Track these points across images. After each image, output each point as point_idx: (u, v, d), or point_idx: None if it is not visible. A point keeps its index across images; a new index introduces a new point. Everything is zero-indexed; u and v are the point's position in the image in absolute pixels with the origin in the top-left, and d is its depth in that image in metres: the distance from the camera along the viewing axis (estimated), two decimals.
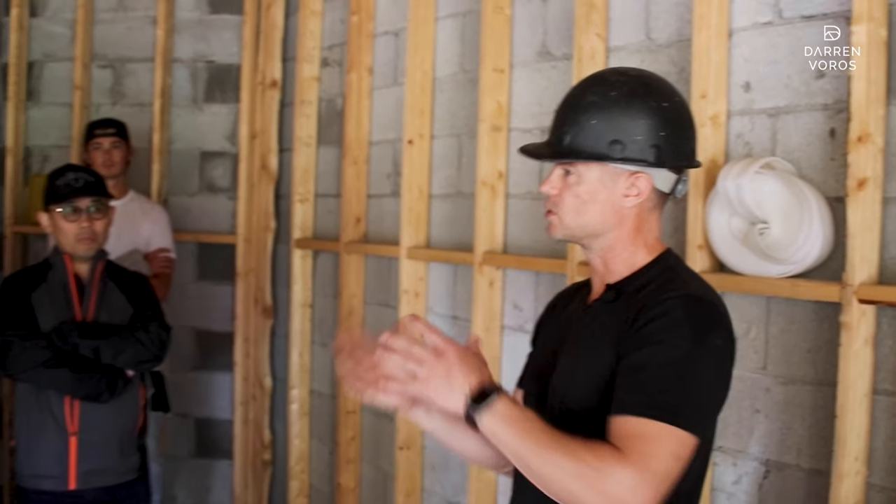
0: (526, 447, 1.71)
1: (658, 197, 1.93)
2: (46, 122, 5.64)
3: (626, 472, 1.63)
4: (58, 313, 3.32)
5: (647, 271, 1.93)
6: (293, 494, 5.03)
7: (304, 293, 5.01)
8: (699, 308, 1.82)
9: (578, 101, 1.92)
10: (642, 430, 1.69)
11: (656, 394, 1.72)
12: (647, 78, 1.96)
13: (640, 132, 1.85)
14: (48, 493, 3.32)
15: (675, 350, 1.75)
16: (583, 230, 1.92)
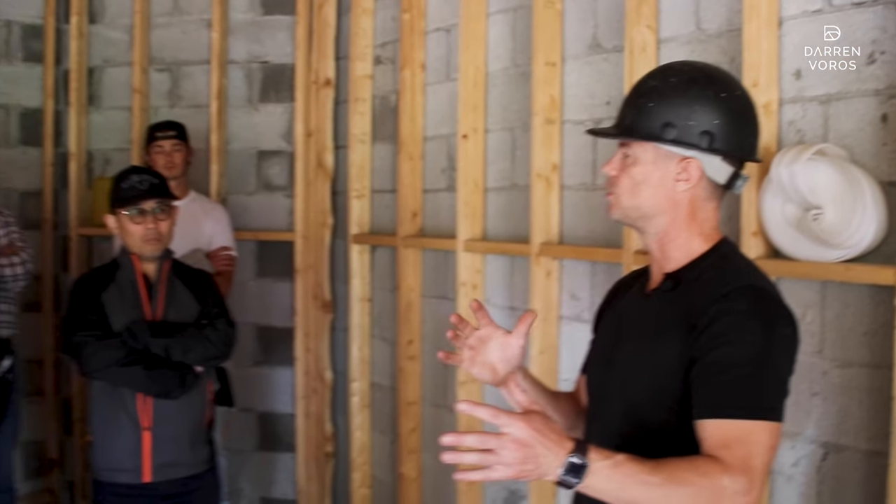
0: (634, 492, 1.70)
1: (712, 186, 1.96)
2: (107, 126, 5.73)
3: (736, 482, 1.68)
4: (128, 312, 3.41)
5: (703, 260, 1.97)
6: (355, 485, 5.10)
7: (363, 288, 5.07)
8: (762, 300, 1.87)
9: (641, 86, 2.01)
10: (737, 432, 1.74)
11: (741, 393, 1.77)
12: (710, 69, 2.02)
13: (694, 118, 1.90)
14: (123, 486, 3.41)
15: (750, 347, 1.79)
16: (636, 211, 1.98)
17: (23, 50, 5.64)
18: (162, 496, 3.45)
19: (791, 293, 2.85)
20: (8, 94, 5.60)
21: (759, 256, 2.83)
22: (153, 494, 3.44)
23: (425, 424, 4.63)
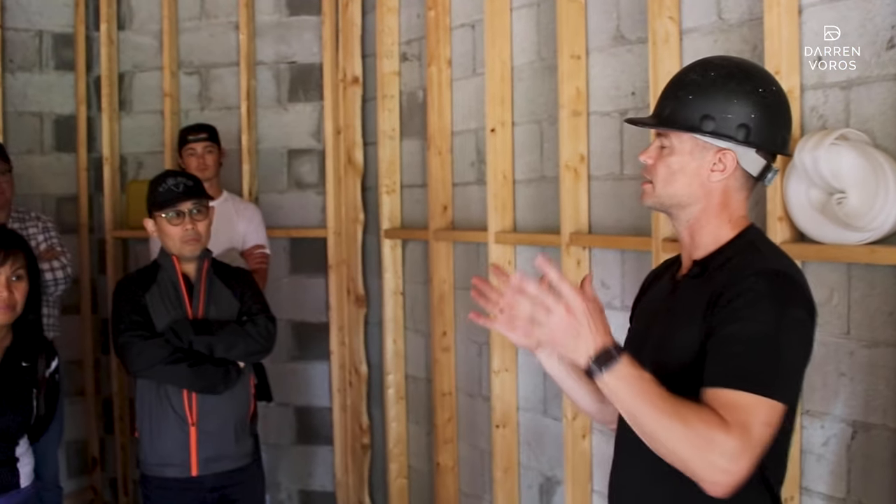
0: (641, 408, 1.82)
1: (745, 177, 2.05)
2: (139, 130, 5.82)
3: (729, 441, 1.76)
4: (170, 312, 3.50)
5: (730, 246, 2.04)
6: (393, 476, 5.16)
7: (395, 281, 5.12)
8: (779, 282, 1.93)
9: (681, 79, 2.09)
10: (739, 402, 1.81)
11: (748, 367, 1.84)
12: (748, 65, 2.10)
13: (732, 111, 1.98)
14: (171, 480, 3.51)
15: (761, 325, 1.87)
16: (671, 199, 2.06)
17: (54, 58, 5.75)
18: (209, 489, 3.53)
19: (817, 276, 2.92)
20: (41, 101, 5.71)
21: (784, 241, 2.89)
22: (200, 488, 3.53)
23: (460, 414, 4.69)
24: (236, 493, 3.61)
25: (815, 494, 2.98)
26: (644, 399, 1.82)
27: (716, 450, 1.76)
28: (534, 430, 4.19)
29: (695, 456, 1.78)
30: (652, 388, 1.83)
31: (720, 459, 1.76)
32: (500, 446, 4.25)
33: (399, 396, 5.16)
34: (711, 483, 1.79)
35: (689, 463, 1.79)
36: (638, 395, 1.82)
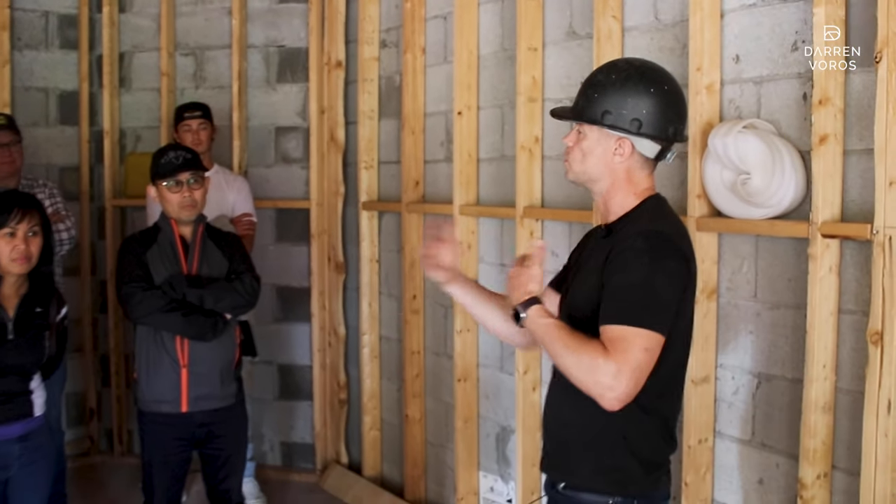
0: (551, 344, 2.32)
1: (644, 159, 2.44)
2: (137, 106, 6.07)
3: (609, 364, 2.19)
4: (168, 268, 3.83)
5: (632, 213, 2.45)
6: (367, 428, 5.52)
7: (372, 250, 5.45)
8: (654, 240, 2.34)
9: (591, 79, 2.49)
10: (619, 334, 2.23)
11: (626, 306, 2.27)
12: (646, 67, 2.48)
13: (626, 107, 2.37)
14: (164, 415, 3.85)
15: (637, 274, 2.29)
16: (585, 175, 2.48)
17: (59, 38, 5.99)
18: (197, 424, 3.88)
19: (731, 247, 3.34)
20: (47, 78, 5.97)
21: (702, 215, 3.30)
22: (190, 423, 3.87)
23: (427, 371, 5.06)
24: (221, 429, 3.95)
25: (727, 437, 3.40)
26: (552, 336, 2.33)
27: (599, 371, 2.19)
28: (492, 384, 4.58)
29: (586, 378, 2.23)
30: (554, 330, 2.33)
31: (604, 378, 2.19)
32: (462, 399, 4.63)
33: (373, 355, 5.50)
34: (600, 397, 2.21)
35: (583, 384, 2.24)
36: (547, 333, 2.34)
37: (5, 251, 3.14)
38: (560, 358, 2.30)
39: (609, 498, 2.45)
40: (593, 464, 2.47)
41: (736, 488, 3.38)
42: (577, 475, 2.50)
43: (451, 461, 4.83)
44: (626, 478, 2.45)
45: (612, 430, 2.41)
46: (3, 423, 3.19)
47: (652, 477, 2.49)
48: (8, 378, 3.19)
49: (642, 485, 2.47)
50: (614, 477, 2.45)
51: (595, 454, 2.47)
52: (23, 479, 3.27)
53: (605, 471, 2.46)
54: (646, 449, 2.46)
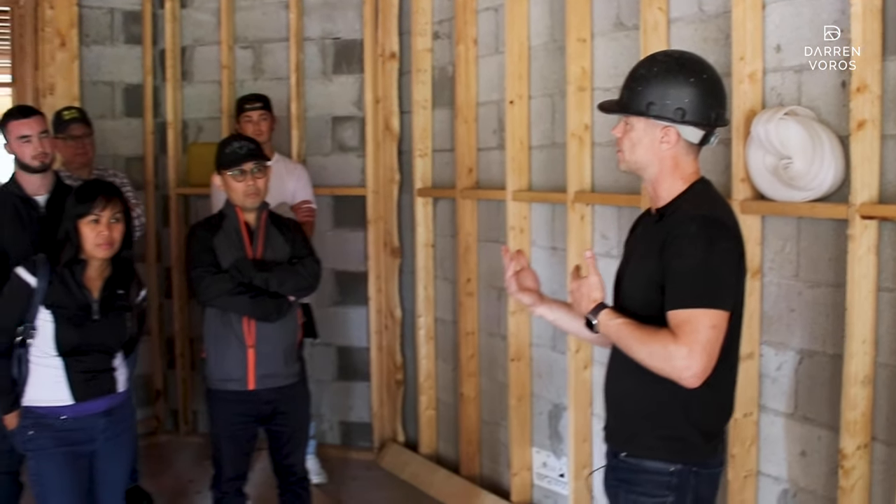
0: (620, 339, 2.52)
1: (689, 144, 2.57)
2: (199, 98, 6.26)
3: (680, 348, 2.36)
4: (234, 253, 4.00)
5: (680, 197, 2.59)
6: (423, 407, 5.69)
7: (427, 235, 5.61)
8: (708, 223, 2.48)
9: (634, 73, 2.63)
10: (685, 317, 2.39)
11: (688, 290, 2.42)
12: (685, 58, 2.62)
13: (669, 98, 2.52)
14: (232, 393, 4.03)
15: (694, 258, 2.43)
16: (636, 164, 2.62)
17: (124, 33, 6.22)
18: (263, 401, 4.06)
19: (774, 228, 3.48)
20: (112, 72, 6.21)
21: (746, 198, 3.44)
22: (256, 400, 4.05)
23: (482, 351, 5.22)
24: (285, 406, 4.13)
25: (771, 411, 3.55)
26: (624, 335, 2.51)
27: (672, 357, 2.37)
28: (544, 363, 4.74)
29: (663, 365, 2.40)
30: (625, 329, 2.50)
31: (678, 362, 2.36)
32: (515, 378, 4.80)
33: (429, 337, 5.66)
34: (680, 379, 2.38)
35: (661, 371, 2.41)
36: (619, 334, 2.52)
37: (90, 237, 3.36)
38: (635, 353, 2.47)
39: (670, 465, 2.59)
40: (654, 433, 2.61)
41: (780, 460, 3.53)
42: (639, 444, 2.64)
43: (505, 438, 5.00)
44: (686, 447, 2.59)
45: (673, 401, 2.55)
46: (90, 399, 3.42)
47: (710, 445, 2.63)
48: (93, 356, 3.42)
49: (701, 453, 2.61)
50: (675, 446, 2.59)
51: (656, 424, 2.61)
52: (108, 451, 3.50)
53: (667, 440, 2.60)
54: (704, 419, 2.60)
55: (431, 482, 5.42)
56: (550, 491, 4.76)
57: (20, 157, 4.06)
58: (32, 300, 3.37)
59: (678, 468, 2.58)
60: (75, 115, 5.05)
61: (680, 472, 2.59)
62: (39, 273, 3.39)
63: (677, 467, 2.58)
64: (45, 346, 3.38)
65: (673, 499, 2.60)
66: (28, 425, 3.40)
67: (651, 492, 2.61)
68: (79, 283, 3.42)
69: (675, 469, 2.58)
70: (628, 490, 2.65)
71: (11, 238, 3.97)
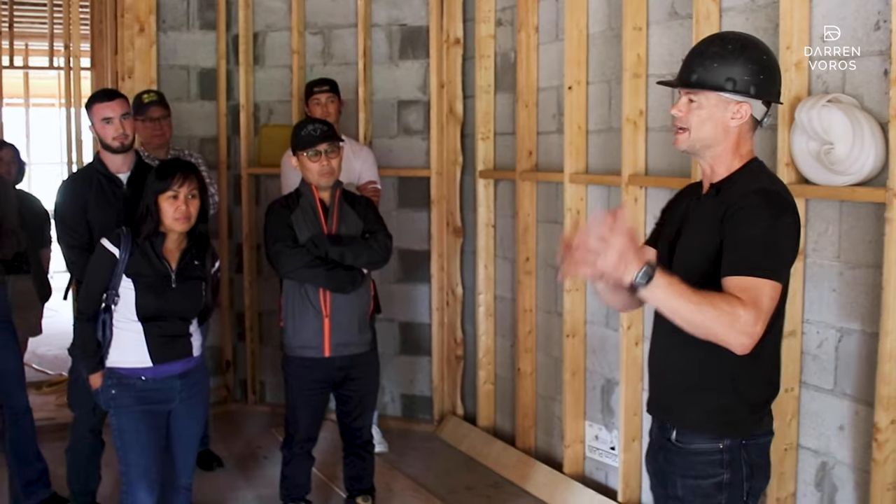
0: (678, 303, 2.34)
1: (752, 122, 2.59)
2: (270, 82, 6.48)
3: (748, 312, 2.33)
4: (310, 228, 4.23)
5: (737, 173, 2.60)
6: (481, 382, 5.88)
7: (488, 215, 5.78)
8: (772, 198, 2.50)
9: (704, 51, 2.61)
10: (750, 284, 2.38)
11: (754, 259, 2.41)
12: (751, 38, 2.67)
13: (747, 74, 2.53)
14: (308, 359, 4.29)
15: (760, 229, 2.43)
16: (700, 142, 2.60)
17: (199, 20, 6.47)
18: (337, 368, 4.31)
19: (817, 212, 3.62)
20: (188, 57, 6.46)
21: (790, 182, 3.57)
22: (330, 366, 4.31)
23: (538, 328, 5.40)
24: (357, 372, 4.38)
25: (811, 387, 3.70)
26: (679, 297, 2.34)
27: (739, 320, 2.32)
28: (598, 339, 4.91)
29: (725, 328, 2.33)
30: (682, 288, 2.35)
31: (745, 327, 2.32)
32: (570, 354, 4.98)
33: (488, 314, 5.85)
34: (739, 345, 2.34)
35: (721, 335, 2.34)
36: (673, 295, 2.34)
37: (169, 211, 3.59)
38: (695, 313, 2.34)
39: (718, 442, 2.60)
40: (702, 406, 2.62)
41: (819, 434, 3.68)
42: (687, 418, 2.65)
43: (559, 412, 5.18)
44: (734, 418, 2.60)
45: (722, 373, 2.57)
46: (167, 361, 3.66)
47: (756, 416, 2.64)
48: (171, 321, 3.66)
49: (748, 425, 2.62)
50: (723, 419, 2.60)
51: (704, 397, 2.62)
52: (183, 410, 3.75)
53: (715, 412, 2.60)
54: (752, 391, 2.61)
55: (488, 454, 5.61)
56: (602, 463, 4.93)
57: (103, 138, 4.29)
58: (116, 269, 3.61)
59: (727, 443, 2.60)
60: (154, 98, 5.31)
61: (729, 447, 2.60)
62: (122, 245, 3.63)
63: (726, 443, 2.60)
64: (127, 312, 3.62)
65: (728, 475, 2.61)
66: (111, 385, 3.66)
67: (705, 472, 2.62)
68: (158, 254, 3.65)
69: (724, 445, 2.60)
70: (683, 475, 2.66)
71: (97, 213, 4.22)
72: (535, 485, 5.15)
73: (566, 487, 4.97)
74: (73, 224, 4.25)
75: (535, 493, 5.10)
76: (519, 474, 5.30)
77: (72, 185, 4.38)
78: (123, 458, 3.67)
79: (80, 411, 4.51)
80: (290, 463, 4.45)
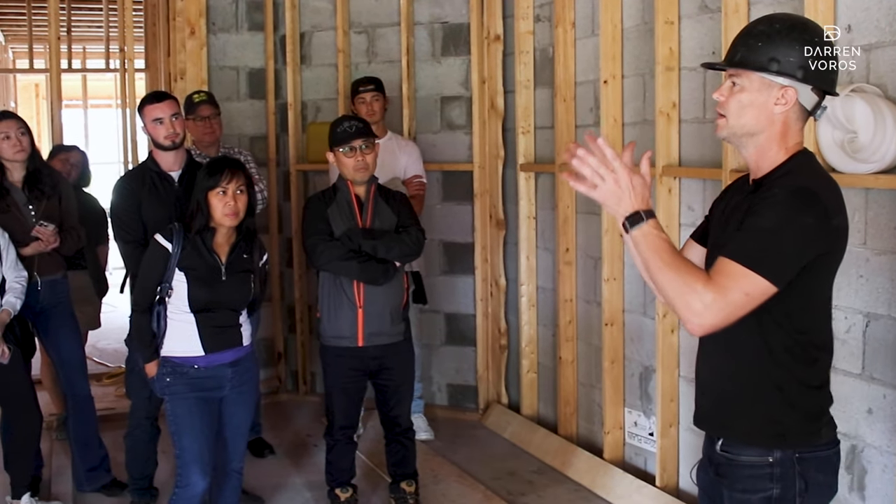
0: (651, 257, 2.25)
1: (801, 110, 2.40)
2: (317, 81, 6.64)
3: (706, 293, 2.19)
4: (345, 222, 4.37)
5: (780, 168, 2.40)
6: (524, 370, 6.00)
7: (529, 207, 5.88)
8: (797, 194, 2.28)
9: (750, 30, 2.44)
10: (729, 269, 2.23)
11: (746, 246, 2.25)
12: (804, 20, 2.51)
13: (793, 55, 2.34)
14: (344, 349, 4.44)
15: (768, 220, 2.26)
16: (742, 129, 2.41)
17: (248, 21, 6.66)
18: (371, 357, 4.46)
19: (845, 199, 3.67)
20: (237, 57, 6.66)
21: None
22: (364, 356, 4.45)
23: (579, 317, 5.50)
24: (391, 361, 4.51)
25: (840, 371, 3.76)
26: (655, 251, 2.25)
27: (693, 294, 2.19)
28: (636, 327, 5.01)
29: (677, 297, 2.22)
30: (664, 245, 2.25)
31: (695, 303, 2.19)
32: (609, 342, 5.09)
33: (531, 304, 5.96)
34: (685, 321, 2.23)
35: (672, 301, 2.25)
36: (651, 247, 2.25)
37: (218, 207, 3.76)
38: (658, 272, 2.25)
39: (768, 455, 2.42)
40: (750, 417, 2.45)
41: (848, 417, 3.74)
42: (734, 429, 2.49)
43: (600, 399, 5.29)
44: (784, 429, 2.42)
45: (767, 381, 2.42)
46: (218, 351, 3.83)
47: (812, 427, 2.45)
48: (221, 312, 3.83)
49: (802, 435, 2.43)
50: (773, 430, 2.43)
51: (751, 407, 2.45)
52: (234, 398, 3.92)
53: (763, 423, 2.44)
54: (801, 399, 2.43)
55: (531, 440, 5.73)
56: (640, 449, 5.04)
57: (155, 138, 4.47)
58: (169, 263, 3.79)
59: (778, 457, 2.42)
60: (204, 98, 5.50)
61: (781, 460, 2.42)
62: (175, 239, 3.80)
63: (776, 456, 2.42)
64: (179, 304, 3.80)
65: (779, 490, 2.43)
66: (166, 373, 3.84)
67: (753, 487, 2.45)
68: (209, 248, 3.82)
69: (774, 459, 2.42)
70: (730, 488, 2.50)
71: (150, 210, 4.40)
72: (576, 471, 5.26)
73: (606, 473, 5.07)
74: (127, 221, 4.43)
75: (576, 479, 5.21)
76: (560, 461, 5.42)
77: (126, 184, 4.56)
78: (178, 443, 3.85)
79: (137, 399, 4.71)
80: (334, 449, 4.60)
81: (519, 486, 5.19)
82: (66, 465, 5.28)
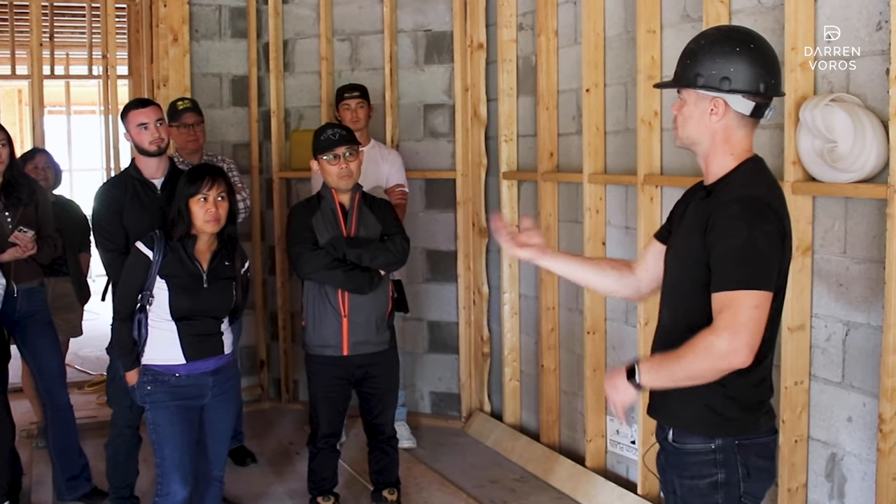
0: (669, 373, 2.48)
1: (740, 117, 2.53)
2: (300, 88, 6.64)
3: (720, 336, 2.35)
4: (330, 230, 4.37)
5: (730, 175, 2.56)
6: (507, 378, 6.00)
7: (512, 215, 5.87)
8: (751, 206, 2.44)
9: (685, 48, 2.64)
10: (728, 299, 2.38)
11: (731, 272, 2.40)
12: (732, 30, 2.70)
13: (715, 68, 2.50)
14: (328, 358, 4.44)
15: (736, 239, 2.41)
16: (688, 139, 2.62)
17: (231, 28, 6.66)
18: (356, 366, 4.46)
19: (824, 208, 3.72)
20: (220, 64, 6.65)
21: (797, 180, 3.68)
22: (349, 364, 4.45)
23: (561, 325, 5.50)
24: (376, 370, 4.51)
25: (820, 379, 3.79)
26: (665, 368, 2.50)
27: (715, 347, 2.36)
28: (617, 335, 5.02)
29: (709, 362, 2.39)
30: (662, 358, 2.53)
31: (721, 350, 2.35)
32: (591, 350, 5.09)
33: (513, 312, 5.97)
34: (731, 366, 2.37)
35: (711, 369, 2.40)
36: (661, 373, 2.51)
37: (199, 214, 3.75)
38: (681, 372, 2.45)
39: (711, 442, 2.59)
40: (694, 408, 2.59)
41: (828, 425, 3.77)
42: (681, 419, 2.64)
43: (582, 407, 5.29)
44: (724, 420, 2.58)
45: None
46: (200, 358, 3.82)
47: (751, 417, 2.61)
48: (203, 320, 3.82)
49: (741, 425, 2.60)
50: (714, 420, 2.58)
51: (695, 399, 2.57)
52: (216, 405, 3.91)
53: (706, 414, 2.59)
54: (742, 393, 2.58)
55: (513, 449, 5.74)
56: (622, 457, 5.05)
57: (139, 143, 4.45)
58: (150, 271, 3.78)
59: (719, 443, 2.59)
60: (188, 105, 5.50)
61: (722, 447, 2.59)
62: (156, 247, 3.79)
63: (718, 443, 2.59)
64: (161, 312, 3.79)
65: (723, 475, 2.60)
66: (147, 381, 3.82)
67: (700, 472, 2.62)
68: (190, 255, 3.81)
69: (716, 445, 2.59)
70: (680, 475, 2.67)
71: (132, 217, 4.38)
72: (558, 478, 5.27)
73: (588, 481, 5.08)
74: (109, 228, 4.41)
75: (558, 487, 5.21)
76: (543, 468, 5.42)
77: (108, 191, 4.54)
78: (158, 452, 3.84)
79: (118, 407, 4.69)
80: (316, 457, 4.60)
81: (501, 494, 5.19)
82: (46, 473, 5.25)
